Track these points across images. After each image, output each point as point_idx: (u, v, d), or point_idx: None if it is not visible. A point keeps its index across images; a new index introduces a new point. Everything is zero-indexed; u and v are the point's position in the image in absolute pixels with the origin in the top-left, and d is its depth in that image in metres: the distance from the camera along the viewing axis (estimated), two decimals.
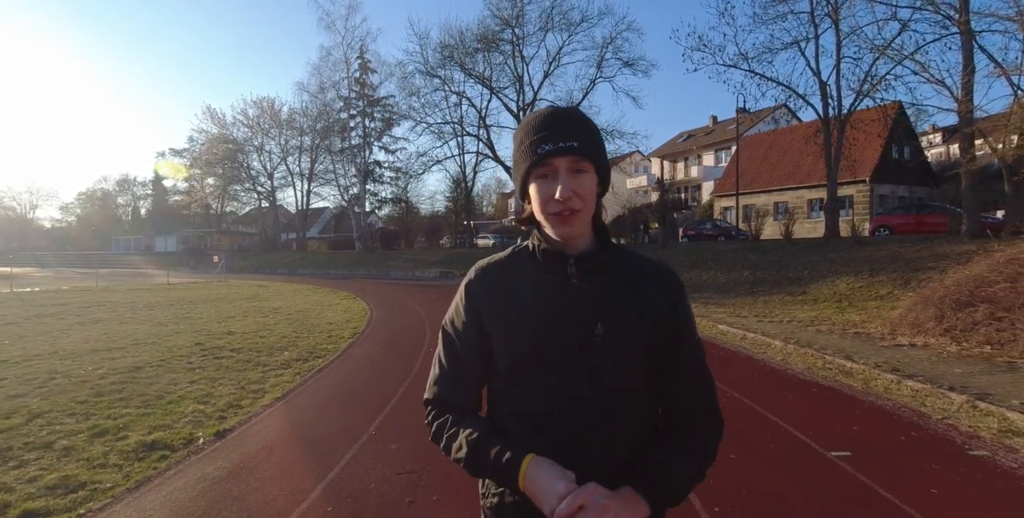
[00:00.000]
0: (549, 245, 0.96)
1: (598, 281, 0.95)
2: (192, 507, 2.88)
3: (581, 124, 0.93)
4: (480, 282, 1.01)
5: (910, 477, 3.07)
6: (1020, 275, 7.33)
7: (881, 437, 3.73)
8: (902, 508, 2.70)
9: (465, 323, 1.00)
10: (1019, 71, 10.34)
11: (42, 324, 10.03)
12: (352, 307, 13.12)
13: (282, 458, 3.57)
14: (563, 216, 0.90)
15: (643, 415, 0.98)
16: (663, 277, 0.99)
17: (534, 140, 0.90)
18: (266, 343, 7.88)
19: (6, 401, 4.78)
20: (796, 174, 28.31)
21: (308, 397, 5.12)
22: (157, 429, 4.09)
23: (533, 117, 0.95)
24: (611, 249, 0.98)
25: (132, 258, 50.70)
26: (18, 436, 3.92)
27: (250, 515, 2.78)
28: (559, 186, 0.88)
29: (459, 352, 1.00)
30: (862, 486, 2.97)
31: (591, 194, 0.92)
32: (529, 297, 0.95)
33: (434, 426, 0.99)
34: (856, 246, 13.77)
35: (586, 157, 0.90)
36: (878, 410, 4.37)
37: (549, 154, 0.88)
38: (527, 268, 0.98)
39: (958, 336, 6.82)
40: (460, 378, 1.00)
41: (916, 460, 3.33)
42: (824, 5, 15.34)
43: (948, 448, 3.54)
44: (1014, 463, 3.28)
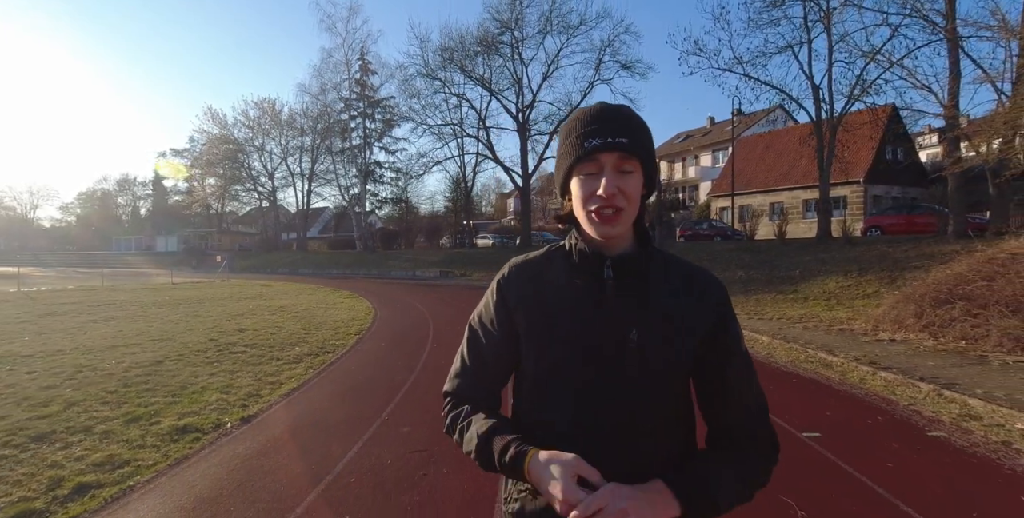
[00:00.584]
0: (587, 245, 0.92)
1: (636, 285, 0.91)
2: (229, 480, 3.23)
3: (632, 122, 0.89)
4: (514, 280, 0.97)
5: (870, 454, 3.43)
6: (997, 274, 7.69)
7: (850, 421, 4.10)
8: (858, 478, 3.06)
9: (494, 320, 0.97)
10: (1002, 78, 10.71)
11: (57, 322, 10.35)
12: (356, 306, 13.46)
13: (305, 439, 3.93)
14: (605, 215, 0.86)
15: (677, 432, 0.93)
16: (708, 286, 0.94)
17: (581, 134, 0.87)
18: (277, 339, 8.22)
19: (41, 391, 5.13)
20: (792, 175, 28.67)
21: (322, 388, 5.47)
22: (186, 415, 4.44)
23: (582, 111, 0.92)
24: (652, 253, 0.94)
25: (133, 258, 50.94)
26: (59, 421, 4.27)
27: (282, 485, 3.13)
28: (603, 181, 0.85)
29: (483, 349, 0.98)
30: (827, 461, 3.33)
31: (636, 194, 0.88)
32: (562, 299, 0.92)
33: (449, 417, 0.97)
34: (847, 246, 14.16)
35: (635, 156, 0.87)
36: (851, 398, 4.74)
37: (596, 149, 0.85)
38: (562, 268, 0.95)
39: (936, 332, 7.19)
40: (481, 375, 0.98)
41: (879, 440, 3.69)
42: (816, 11, 15.71)
43: (909, 430, 3.90)
44: (967, 443, 3.64)
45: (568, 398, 0.89)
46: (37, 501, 2.95)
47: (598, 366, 0.88)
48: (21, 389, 5.19)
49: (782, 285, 12.73)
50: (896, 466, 3.25)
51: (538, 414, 0.92)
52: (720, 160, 38.50)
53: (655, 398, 0.88)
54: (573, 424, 0.88)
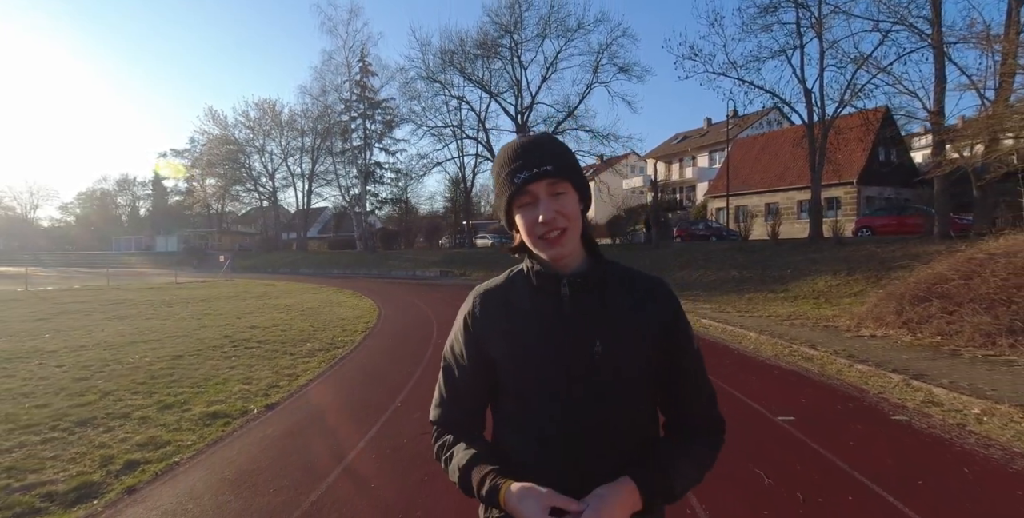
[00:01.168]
0: (542, 267, 0.98)
1: (594, 299, 0.97)
2: (263, 457, 3.61)
3: (552, 148, 0.96)
4: (478, 310, 1.03)
5: (836, 434, 3.83)
6: (974, 273, 8.09)
7: (821, 407, 4.49)
8: (823, 454, 3.46)
9: (464, 351, 1.02)
10: (984, 85, 11.11)
11: (72, 320, 10.70)
12: (360, 304, 13.83)
13: (327, 423, 4.31)
14: (551, 237, 0.92)
15: (646, 428, 1.01)
16: (658, 292, 1.01)
17: (510, 171, 0.94)
18: (288, 336, 8.60)
19: (74, 382, 5.50)
20: (787, 176, 29.10)
21: (337, 379, 5.85)
22: (214, 403, 4.82)
23: (505, 150, 0.98)
24: (604, 266, 1.01)
25: (134, 258, 51.20)
26: (98, 409, 4.64)
27: (311, 460, 3.51)
28: (541, 210, 0.91)
29: (457, 379, 1.04)
30: (796, 440, 3.73)
31: (575, 212, 0.94)
32: (527, 320, 0.98)
33: (435, 448, 1.03)
34: (837, 246, 14.57)
35: (563, 178, 0.93)
36: (826, 387, 5.14)
37: (526, 181, 0.91)
38: (524, 291, 1.01)
39: (914, 328, 7.59)
40: (458, 403, 1.04)
41: (845, 423, 4.09)
42: (808, 17, 16.11)
43: (875, 414, 4.30)
44: (925, 425, 4.04)
45: (544, 410, 0.94)
46: (94, 475, 3.33)
47: (569, 378, 0.93)
48: (56, 381, 5.56)
49: (774, 284, 13.13)
50: (857, 444, 3.64)
51: (517, 426, 0.99)
52: (717, 161, 38.91)
53: (625, 401, 0.95)
54: (551, 433, 0.94)
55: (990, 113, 10.56)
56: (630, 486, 0.87)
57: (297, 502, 2.93)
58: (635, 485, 0.87)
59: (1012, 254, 8.01)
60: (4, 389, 5.21)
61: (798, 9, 16.12)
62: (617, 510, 0.84)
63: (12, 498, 3.00)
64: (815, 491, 2.94)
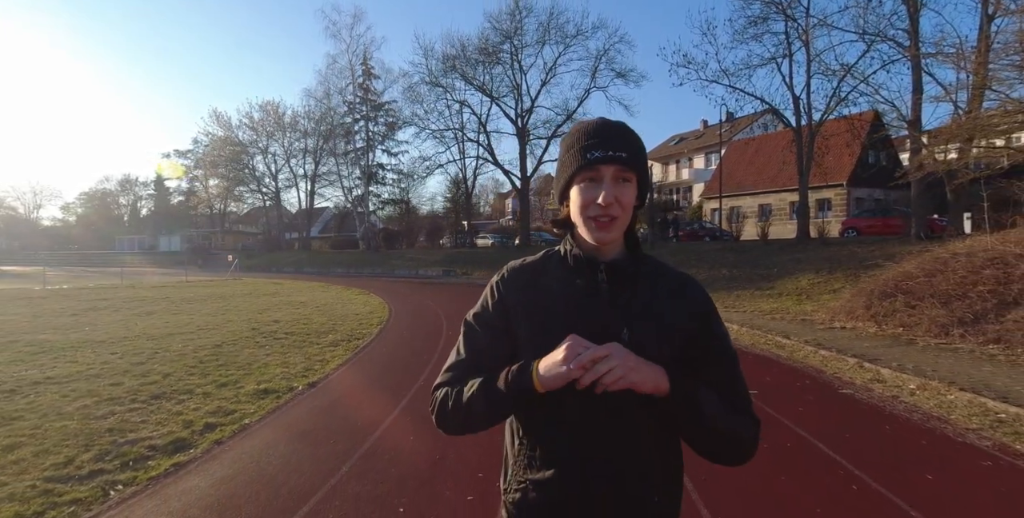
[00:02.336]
0: (581, 250, 0.98)
1: (628, 289, 0.97)
2: (317, 420, 4.39)
3: (630, 137, 0.96)
4: (511, 281, 1.02)
5: (790, 404, 4.61)
6: (937, 271, 8.89)
7: (783, 383, 5.28)
8: (775, 417, 4.24)
9: (492, 319, 1.01)
10: (955, 97, 11.89)
11: (103, 315, 11.44)
12: (369, 301, 14.59)
13: (364, 395, 5.09)
14: (602, 221, 0.92)
15: (675, 438, 0.98)
16: (691, 290, 1.01)
17: (584, 145, 0.93)
18: (310, 328, 9.36)
19: (134, 366, 6.26)
20: (779, 178, 29.84)
21: (363, 364, 6.62)
22: (262, 382, 5.58)
23: (584, 124, 0.98)
24: (642, 258, 1.01)
25: (137, 258, 51.87)
26: (164, 386, 5.40)
27: (359, 422, 4.29)
28: (603, 191, 0.91)
29: (480, 343, 1.01)
30: (761, 414, 4.50)
31: (631, 204, 0.94)
32: (558, 301, 0.97)
33: (438, 404, 0.98)
34: (822, 246, 15.37)
35: (632, 168, 0.93)
36: (790, 369, 5.93)
37: (598, 160, 0.91)
38: (557, 272, 1.00)
39: (880, 320, 8.38)
40: (477, 366, 1.00)
41: (799, 395, 4.88)
42: (796, 28, 16.91)
43: (826, 389, 5.09)
44: (866, 397, 4.83)
45: (565, 395, 0.90)
46: (182, 433, 4.09)
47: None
48: (117, 365, 6.32)
49: (761, 282, 13.92)
50: (805, 410, 4.43)
51: (533, 416, 0.96)
52: (713, 162, 39.68)
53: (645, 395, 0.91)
54: (571, 420, 0.92)
55: (962, 122, 11.35)
56: (660, 369, 0.88)
57: (355, 449, 3.70)
58: (663, 370, 0.88)
59: (972, 254, 8.80)
60: (76, 372, 5.97)
61: (787, 20, 16.92)
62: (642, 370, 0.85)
63: (123, 449, 3.77)
64: (765, 439, 3.72)
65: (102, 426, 4.20)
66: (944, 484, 3.06)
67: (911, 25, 13.61)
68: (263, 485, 3.20)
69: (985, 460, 3.41)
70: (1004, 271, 7.98)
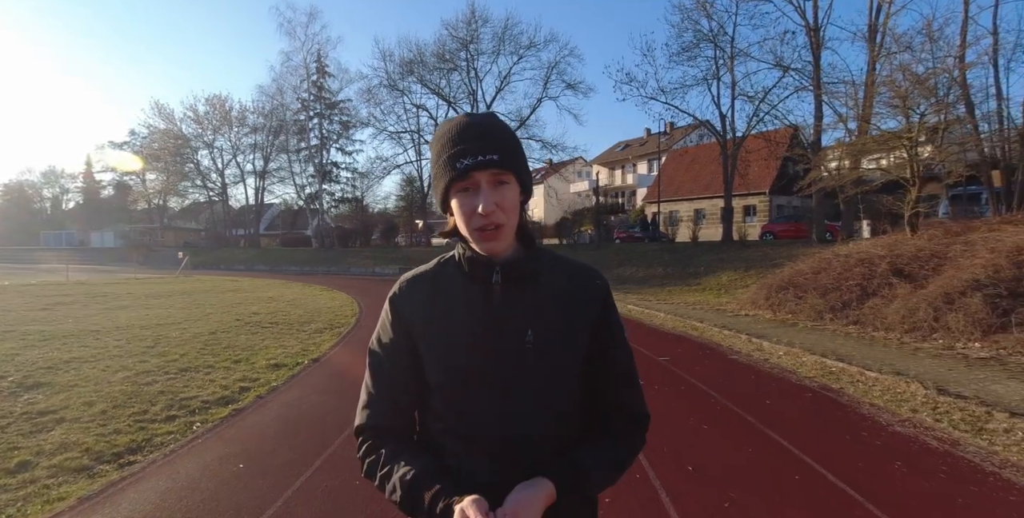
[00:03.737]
0: (475, 254, 0.95)
1: (526, 288, 0.95)
2: (333, 382, 5.55)
3: (499, 133, 0.92)
4: (407, 296, 0.99)
5: (691, 366, 6.20)
6: (822, 269, 10.94)
7: (690, 352, 6.91)
8: (679, 374, 5.80)
9: (393, 340, 0.97)
10: (844, 125, 14.22)
11: (75, 309, 11.78)
12: (336, 297, 15.46)
13: (363, 366, 6.26)
14: (488, 231, 0.89)
15: (577, 419, 0.98)
16: (591, 281, 1.00)
17: (452, 154, 0.89)
18: (291, 319, 10.29)
19: (148, 349, 7.11)
20: (712, 185, 32.66)
21: (352, 345, 7.74)
22: (271, 359, 6.63)
23: (449, 127, 0.92)
24: (537, 255, 0.98)
25: (67, 254, 49.01)
26: (187, 362, 6.35)
27: None
28: (481, 200, 0.87)
29: (389, 373, 0.97)
30: (668, 369, 6.06)
31: (514, 206, 0.92)
32: (457, 308, 0.95)
33: (366, 463, 0.94)
34: (741, 248, 17.60)
35: (507, 169, 0.89)
36: (698, 343, 7.60)
37: (468, 168, 0.87)
38: (454, 278, 0.98)
39: (775, 308, 10.32)
40: (391, 401, 0.97)
41: (700, 360, 6.50)
42: (723, 54, 19.14)
43: (720, 356, 6.75)
44: (747, 361, 6.50)
45: (473, 403, 0.91)
46: (225, 393, 5.15)
47: (500, 366, 0.91)
48: (130, 349, 7.14)
49: (690, 279, 15.91)
50: (702, 369, 6.03)
51: (444, 421, 0.94)
52: (655, 168, 42.36)
53: (555, 393, 0.93)
54: (480, 428, 0.91)
55: (844, 146, 13.66)
56: (548, 486, 0.85)
57: None
58: (552, 484, 0.85)
59: (849, 255, 10.90)
60: (95, 354, 6.77)
61: (715, 48, 19.12)
62: (532, 509, 0.82)
63: (184, 403, 4.81)
64: (666, 386, 5.25)
65: (153, 389, 5.19)
66: (778, 407, 4.66)
67: (814, 61, 15.97)
68: (308, 419, 4.39)
69: (808, 393, 5.08)
70: (869, 269, 10.05)
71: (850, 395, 4.96)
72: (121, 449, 3.72)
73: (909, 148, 11.29)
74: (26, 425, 4.14)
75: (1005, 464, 3.37)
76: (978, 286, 7.75)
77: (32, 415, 4.37)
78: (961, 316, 7.40)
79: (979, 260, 8.37)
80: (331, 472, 3.32)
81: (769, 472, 3.27)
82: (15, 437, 3.89)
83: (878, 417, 4.32)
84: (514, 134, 0.95)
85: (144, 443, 3.86)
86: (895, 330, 7.83)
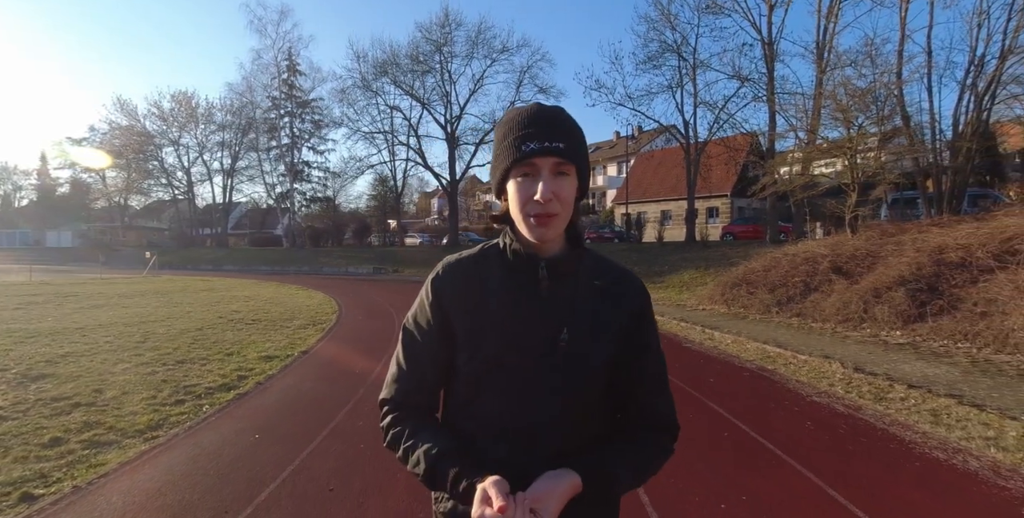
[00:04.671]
0: (521, 246, 0.95)
1: (568, 286, 0.95)
2: (326, 371, 6.04)
3: (568, 125, 0.92)
4: (448, 279, 0.99)
5: None
6: (772, 267, 11.90)
7: None
8: None
9: (430, 321, 0.98)
10: (796, 134, 15.33)
11: (50, 309, 11.77)
12: (313, 295, 15.73)
13: (351, 357, 6.76)
14: (541, 218, 0.89)
15: (604, 420, 1.00)
16: (631, 285, 1.01)
17: (518, 136, 0.89)
18: (272, 316, 10.63)
19: (138, 344, 7.40)
20: (678, 187, 33.92)
21: (338, 340, 8.20)
22: (262, 352, 7.04)
23: (518, 113, 0.93)
24: (582, 254, 0.98)
25: (20, 253, 47.15)
26: (180, 356, 6.71)
27: (358, 371, 5.99)
28: (540, 186, 0.87)
29: (421, 351, 0.99)
30: None
31: (571, 198, 0.91)
32: (497, 298, 0.95)
33: (390, 434, 0.97)
34: (703, 248, 18.65)
35: (570, 160, 0.89)
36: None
37: (534, 153, 0.87)
38: (496, 268, 0.98)
39: (729, 303, 11.21)
40: (419, 378, 0.99)
41: None
42: (685, 66, 20.19)
43: (676, 344, 7.51)
44: (700, 348, 7.27)
45: (501, 395, 0.92)
46: (225, 380, 5.58)
47: (532, 361, 0.91)
48: (121, 344, 7.42)
49: (655, 277, 16.80)
50: None
51: (471, 408, 0.96)
52: (624, 171, 43.59)
53: (584, 392, 0.94)
54: (507, 419, 0.92)
55: (792, 153, 14.75)
56: (574, 478, 0.86)
57: (363, 384, 5.44)
58: (579, 476, 0.86)
59: (796, 254, 11.89)
60: (88, 349, 7.04)
61: (679, 58, 20.14)
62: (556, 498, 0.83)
63: (189, 389, 5.23)
64: None
65: (157, 378, 5.59)
66: (719, 384, 5.40)
67: (768, 73, 17.09)
68: (309, 401, 4.90)
69: (746, 373, 5.85)
70: (813, 267, 11.03)
71: (781, 374, 5.75)
72: (142, 427, 4.16)
73: (849, 157, 12.40)
74: (45, 409, 4.52)
75: (893, 423, 4.16)
76: (902, 281, 8.74)
77: (47, 401, 4.74)
78: (886, 308, 8.37)
79: (905, 259, 9.39)
80: (338, 439, 3.86)
81: (705, 431, 3.97)
82: (38, 419, 4.27)
83: (800, 390, 5.10)
84: (582, 130, 0.95)
85: (161, 422, 4.30)
86: (830, 321, 8.76)
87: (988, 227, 9.11)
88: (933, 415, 4.26)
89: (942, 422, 4.11)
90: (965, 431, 3.90)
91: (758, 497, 2.91)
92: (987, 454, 3.50)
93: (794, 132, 16.34)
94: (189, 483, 3.17)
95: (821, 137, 13.26)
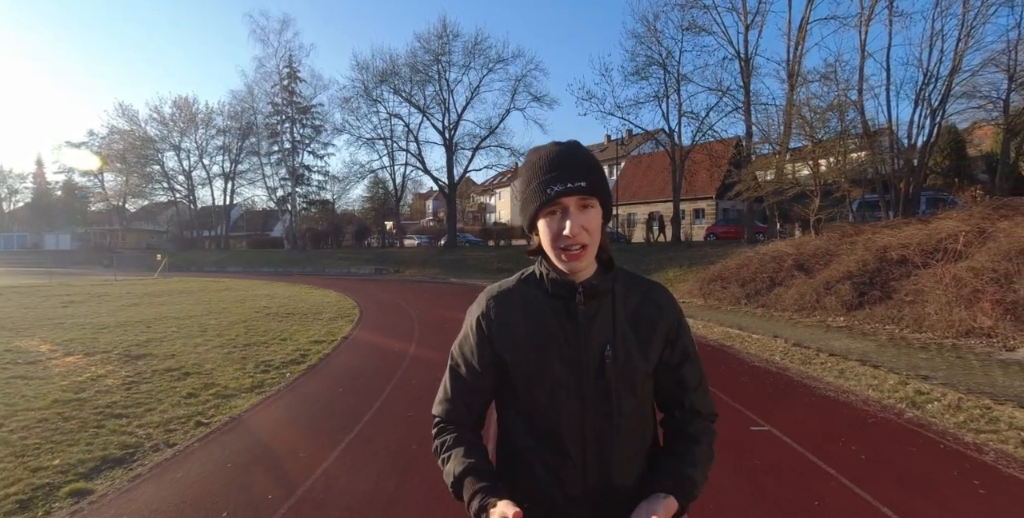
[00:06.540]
0: (557, 275, 1.03)
1: (606, 306, 1.04)
2: (368, 351, 7.42)
3: (586, 162, 1.00)
4: (491, 312, 1.07)
5: None
6: (745, 265, 13.41)
7: None
8: None
9: (475, 351, 1.08)
10: (770, 144, 16.88)
11: (94, 306, 12.97)
12: (328, 294, 17.00)
13: (387, 341, 8.14)
14: (572, 252, 0.97)
15: (651, 429, 1.10)
16: (662, 296, 1.12)
17: (542, 181, 0.98)
18: (303, 311, 11.94)
19: (203, 333, 8.71)
20: (667, 190, 35.41)
21: (369, 328, 9.56)
22: (310, 337, 8.39)
23: (539, 156, 1.02)
24: (615, 275, 1.08)
25: (20, 256, 47.82)
26: (246, 340, 8.03)
27: (395, 352, 7.38)
28: (568, 223, 0.96)
29: (464, 379, 1.09)
30: None
31: (597, 227, 1.00)
32: (541, 324, 1.03)
33: (435, 444, 1.09)
34: (687, 248, 20.17)
35: (594, 194, 0.98)
36: None
37: (559, 194, 0.96)
38: (537, 295, 1.06)
39: (706, 297, 12.70)
40: (462, 402, 1.09)
41: None
42: (670, 78, 21.72)
43: None
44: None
45: (556, 412, 1.01)
46: (293, 356, 6.93)
47: (582, 382, 1.01)
48: (188, 334, 8.72)
49: (643, 275, 18.26)
50: None
51: (528, 426, 1.04)
52: (614, 173, 45.22)
53: (634, 404, 1.03)
54: (563, 434, 1.01)
55: (762, 161, 16.29)
56: (668, 500, 0.95)
57: (401, 362, 6.82)
58: (671, 497, 0.95)
59: (766, 253, 13.41)
60: (162, 336, 8.33)
61: (666, 73, 21.67)
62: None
63: (266, 362, 6.57)
64: None
65: (237, 356, 6.93)
66: None
67: (744, 87, 18.65)
68: (368, 368, 6.29)
69: (708, 348, 7.30)
70: (779, 264, 12.55)
71: (735, 348, 7.22)
72: (247, 387, 5.52)
73: (813, 165, 13.95)
74: (164, 377, 5.85)
75: (808, 377, 5.63)
76: (849, 276, 10.27)
77: (161, 372, 6.07)
78: (834, 298, 9.88)
79: (855, 256, 10.92)
80: (401, 391, 5.26)
81: None
82: (165, 384, 5.61)
83: (746, 359, 6.57)
84: (598, 161, 1.03)
85: (260, 384, 5.66)
86: (788, 310, 10.27)
87: (928, 229, 10.60)
88: (840, 372, 5.73)
89: (844, 376, 5.58)
90: (857, 381, 5.37)
91: None
92: (865, 394, 4.97)
93: (768, 142, 17.89)
94: (308, 413, 4.56)
95: (789, 149, 14.79)
